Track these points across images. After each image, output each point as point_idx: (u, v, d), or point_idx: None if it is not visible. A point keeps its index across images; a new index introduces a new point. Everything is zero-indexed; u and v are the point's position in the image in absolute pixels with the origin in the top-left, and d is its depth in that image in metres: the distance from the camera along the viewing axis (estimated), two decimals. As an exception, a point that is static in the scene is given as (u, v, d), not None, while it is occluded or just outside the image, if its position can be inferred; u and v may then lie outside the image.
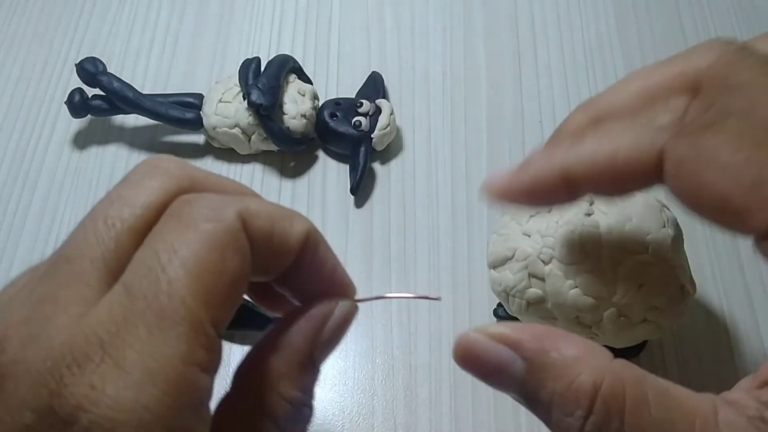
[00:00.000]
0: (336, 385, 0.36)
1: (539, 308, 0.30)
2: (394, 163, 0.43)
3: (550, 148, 0.24)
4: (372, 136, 0.41)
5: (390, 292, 0.38)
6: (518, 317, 0.31)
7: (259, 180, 0.42)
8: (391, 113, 0.42)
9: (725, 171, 0.21)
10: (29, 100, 0.46)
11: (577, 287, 0.29)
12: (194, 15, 0.49)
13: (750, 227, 0.21)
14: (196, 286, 0.19)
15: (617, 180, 0.23)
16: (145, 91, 0.42)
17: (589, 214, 0.29)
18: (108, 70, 0.42)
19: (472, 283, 0.38)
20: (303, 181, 0.42)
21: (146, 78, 0.47)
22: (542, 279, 0.29)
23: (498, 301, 0.35)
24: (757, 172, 0.20)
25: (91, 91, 0.43)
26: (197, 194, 0.21)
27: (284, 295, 0.24)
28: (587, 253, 0.29)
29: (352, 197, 0.41)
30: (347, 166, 0.42)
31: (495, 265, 0.31)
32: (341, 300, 0.24)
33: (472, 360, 0.22)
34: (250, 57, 0.42)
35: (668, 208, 0.31)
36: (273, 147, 0.42)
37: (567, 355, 0.21)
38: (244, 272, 0.20)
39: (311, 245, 0.23)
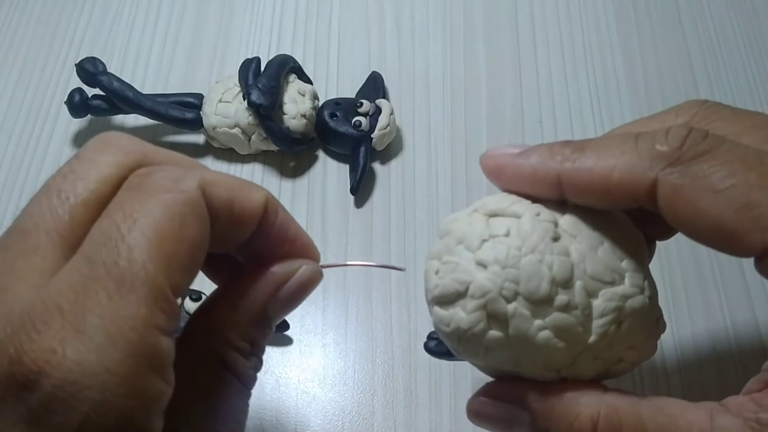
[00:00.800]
0: (336, 385, 0.36)
1: (499, 354, 0.24)
2: (394, 163, 0.43)
3: (553, 147, 0.25)
4: (372, 136, 0.41)
5: (388, 291, 0.38)
6: (469, 361, 0.26)
7: (259, 180, 0.42)
8: (391, 113, 0.42)
9: (718, 195, 0.21)
10: (29, 100, 0.46)
11: (546, 329, 0.24)
12: (194, 15, 0.49)
13: (745, 249, 0.21)
14: (155, 252, 0.19)
15: (607, 197, 0.23)
16: (145, 91, 0.42)
17: (556, 239, 0.24)
18: (108, 70, 0.42)
19: (472, 283, 0.38)
20: (303, 181, 0.42)
21: (146, 78, 0.47)
22: (504, 320, 0.24)
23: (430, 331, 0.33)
24: (747, 195, 0.21)
25: (91, 91, 0.42)
26: (155, 167, 0.22)
27: (237, 267, 0.25)
28: (558, 286, 0.24)
29: (352, 197, 0.41)
30: (347, 166, 0.42)
31: (442, 302, 0.25)
32: (305, 263, 0.25)
33: (485, 421, 0.25)
34: (250, 57, 0.42)
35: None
36: (273, 147, 0.42)
37: (563, 399, 0.23)
38: (204, 240, 0.21)
39: (271, 212, 0.24)
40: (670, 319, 0.37)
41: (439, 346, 0.34)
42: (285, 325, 0.36)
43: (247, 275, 0.24)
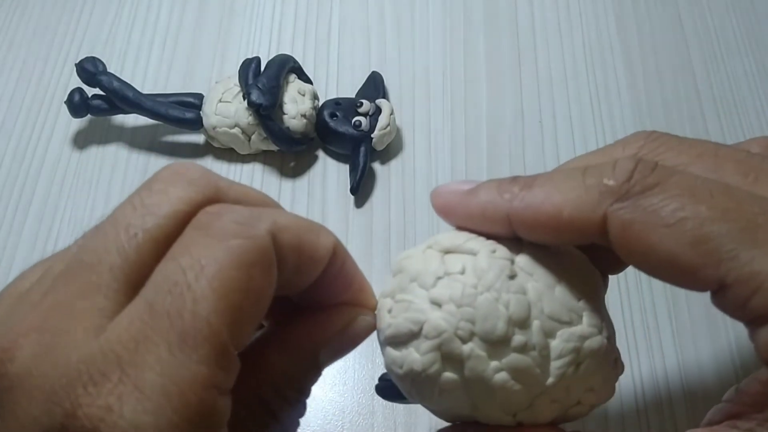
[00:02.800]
0: (336, 384, 0.36)
1: (453, 396, 0.24)
2: (394, 163, 0.43)
3: (501, 184, 0.24)
4: (372, 136, 0.41)
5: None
6: (423, 404, 0.25)
7: (258, 180, 0.42)
8: (391, 113, 0.42)
9: (669, 230, 0.21)
10: (29, 99, 0.46)
11: (503, 370, 0.23)
12: (194, 15, 0.49)
13: (701, 283, 0.21)
14: (221, 306, 0.18)
15: (558, 234, 0.23)
16: (145, 91, 0.42)
17: (512, 276, 0.23)
18: (108, 70, 0.42)
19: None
20: (303, 181, 0.42)
21: (146, 78, 0.47)
22: (460, 361, 0.23)
23: (381, 374, 0.31)
24: (699, 229, 0.20)
25: (90, 91, 0.43)
26: (225, 206, 0.20)
27: (290, 308, 0.24)
28: (515, 326, 0.23)
29: (352, 197, 0.41)
30: (347, 166, 0.42)
31: (394, 343, 0.24)
32: (362, 312, 0.24)
33: None
34: (250, 57, 0.42)
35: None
36: (273, 147, 0.42)
37: None
38: (270, 290, 0.20)
39: (338, 259, 0.23)
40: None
41: (390, 389, 0.31)
42: None
43: (303, 319, 0.23)
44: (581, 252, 0.25)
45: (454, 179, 0.42)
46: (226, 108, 0.41)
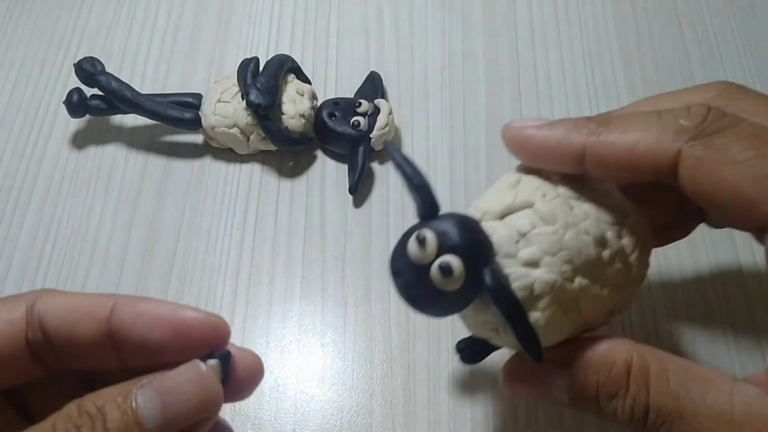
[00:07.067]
0: (334, 384, 0.36)
1: (568, 324, 0.26)
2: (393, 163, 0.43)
3: (578, 121, 0.25)
4: (370, 135, 0.41)
5: (386, 291, 0.38)
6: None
7: (257, 180, 0.42)
8: (390, 113, 0.42)
9: (738, 167, 0.23)
10: (27, 99, 0.46)
11: (607, 286, 0.26)
12: (193, 14, 0.49)
13: (760, 218, 0.23)
14: None
15: (630, 169, 0.24)
16: (143, 91, 0.42)
17: (571, 208, 0.26)
18: (106, 70, 0.42)
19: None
20: (302, 181, 0.42)
21: (145, 78, 0.46)
22: (575, 298, 0.25)
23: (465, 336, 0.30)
24: (765, 167, 0.22)
25: (89, 91, 0.42)
26: None
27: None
28: (599, 246, 0.25)
29: (350, 197, 0.41)
30: (346, 166, 0.42)
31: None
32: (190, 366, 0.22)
33: (521, 384, 0.27)
34: (248, 57, 0.42)
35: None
36: (271, 147, 0.42)
37: (600, 351, 0.25)
38: None
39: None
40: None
41: (474, 353, 0.30)
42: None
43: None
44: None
45: (452, 179, 0.42)
46: (225, 108, 0.41)
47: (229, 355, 0.23)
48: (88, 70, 0.42)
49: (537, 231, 0.25)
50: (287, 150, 0.42)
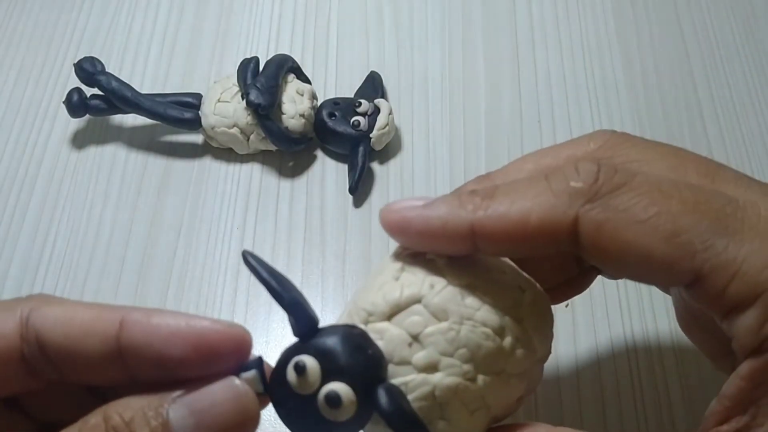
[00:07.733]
0: (334, 384, 0.36)
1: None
2: (393, 163, 0.43)
3: (461, 196, 0.23)
4: (370, 135, 0.41)
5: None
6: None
7: (257, 180, 0.42)
8: (390, 113, 0.42)
9: (643, 225, 0.21)
10: (27, 99, 0.46)
11: (513, 376, 0.24)
12: (193, 14, 0.49)
13: (677, 277, 0.21)
14: None
15: (526, 243, 0.22)
16: (143, 91, 0.42)
17: (463, 297, 0.23)
18: (106, 70, 0.42)
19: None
20: (301, 181, 0.42)
21: (144, 77, 0.46)
22: (477, 390, 0.23)
23: None
24: (673, 223, 0.21)
25: (89, 91, 0.42)
26: None
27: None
28: (497, 335, 0.23)
29: (350, 197, 0.41)
30: (346, 166, 0.42)
31: None
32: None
33: None
34: (248, 56, 0.42)
35: None
36: (271, 147, 0.42)
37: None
38: None
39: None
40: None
41: None
42: None
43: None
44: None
45: (452, 179, 0.42)
46: (225, 108, 0.41)
47: (262, 362, 0.22)
48: (88, 69, 0.42)
49: (430, 330, 0.22)
50: (287, 150, 0.42)
